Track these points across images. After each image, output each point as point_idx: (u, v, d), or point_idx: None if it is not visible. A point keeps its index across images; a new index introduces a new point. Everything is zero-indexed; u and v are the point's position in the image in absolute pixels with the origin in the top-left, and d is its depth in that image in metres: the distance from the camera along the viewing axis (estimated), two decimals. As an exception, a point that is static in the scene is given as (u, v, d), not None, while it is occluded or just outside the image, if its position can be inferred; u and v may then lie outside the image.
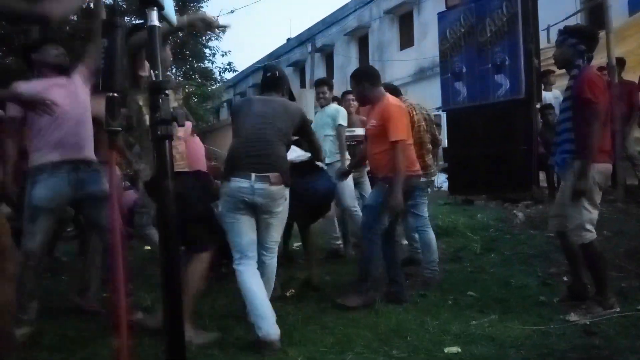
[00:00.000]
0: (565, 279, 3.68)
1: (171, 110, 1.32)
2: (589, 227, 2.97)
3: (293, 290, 3.78)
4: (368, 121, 3.63)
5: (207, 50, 18.35)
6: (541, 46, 6.99)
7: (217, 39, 18.31)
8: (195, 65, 17.59)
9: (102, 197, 2.94)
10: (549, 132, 5.35)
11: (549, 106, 6.22)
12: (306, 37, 23.70)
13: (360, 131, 4.81)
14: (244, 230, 2.80)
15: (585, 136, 2.92)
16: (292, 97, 3.27)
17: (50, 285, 4.14)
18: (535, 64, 6.31)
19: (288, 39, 26.33)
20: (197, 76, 17.53)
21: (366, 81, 3.53)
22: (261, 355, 2.56)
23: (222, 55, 30.04)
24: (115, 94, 1.51)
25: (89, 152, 3.04)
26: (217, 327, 2.94)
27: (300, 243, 5.47)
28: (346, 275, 4.14)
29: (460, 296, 3.46)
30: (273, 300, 2.91)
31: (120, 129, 1.58)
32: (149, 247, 4.78)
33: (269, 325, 2.64)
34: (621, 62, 5.72)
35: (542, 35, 8.30)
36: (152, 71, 1.36)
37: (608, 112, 3.08)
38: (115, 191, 1.69)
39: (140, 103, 2.61)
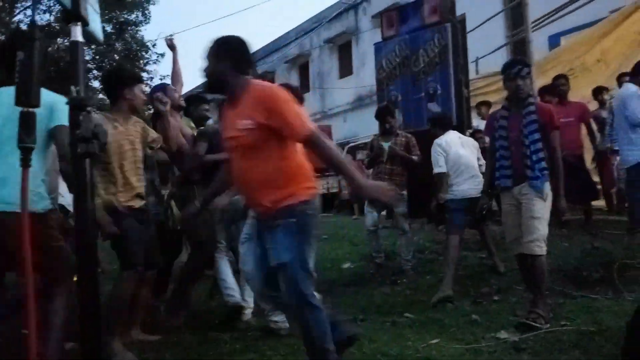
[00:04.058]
0: (496, 298, 3.83)
1: (92, 127, 1.28)
2: (545, 239, 3.20)
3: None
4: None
5: (144, 74, 18.01)
6: (470, 77, 7.38)
7: (155, 62, 18.04)
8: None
9: None
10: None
11: (480, 131, 6.54)
12: (247, 64, 23.76)
13: None
14: None
15: (558, 158, 3.27)
16: None
17: None
18: (464, 93, 6.65)
19: (229, 65, 26.30)
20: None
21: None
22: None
23: (161, 79, 28.55)
24: (31, 110, 1.43)
25: None
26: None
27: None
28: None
29: (398, 318, 3.51)
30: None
31: (34, 145, 1.49)
32: None
33: None
34: None
35: (471, 67, 8.80)
36: (72, 87, 1.32)
37: None
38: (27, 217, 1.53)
39: None
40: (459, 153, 4.50)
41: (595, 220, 5.79)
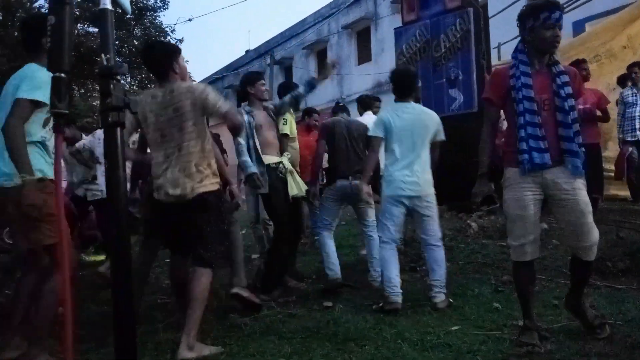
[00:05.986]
0: (517, 286, 3.78)
1: (123, 96, 1.27)
2: None
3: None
4: None
5: (163, 60, 18.03)
6: (492, 63, 7.23)
7: (174, 48, 18.07)
8: (152, 75, 17.22)
9: None
10: None
11: None
12: (265, 50, 23.73)
13: None
14: None
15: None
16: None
17: None
18: (487, 79, 6.53)
19: (247, 51, 26.28)
20: (153, 86, 17.18)
21: None
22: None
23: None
24: (63, 75, 1.41)
25: None
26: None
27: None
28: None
29: (418, 305, 3.49)
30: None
31: (67, 111, 1.46)
32: None
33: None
34: None
35: (493, 53, 8.64)
36: (103, 55, 1.30)
37: None
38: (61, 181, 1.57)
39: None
40: None
41: (620, 210, 5.68)
